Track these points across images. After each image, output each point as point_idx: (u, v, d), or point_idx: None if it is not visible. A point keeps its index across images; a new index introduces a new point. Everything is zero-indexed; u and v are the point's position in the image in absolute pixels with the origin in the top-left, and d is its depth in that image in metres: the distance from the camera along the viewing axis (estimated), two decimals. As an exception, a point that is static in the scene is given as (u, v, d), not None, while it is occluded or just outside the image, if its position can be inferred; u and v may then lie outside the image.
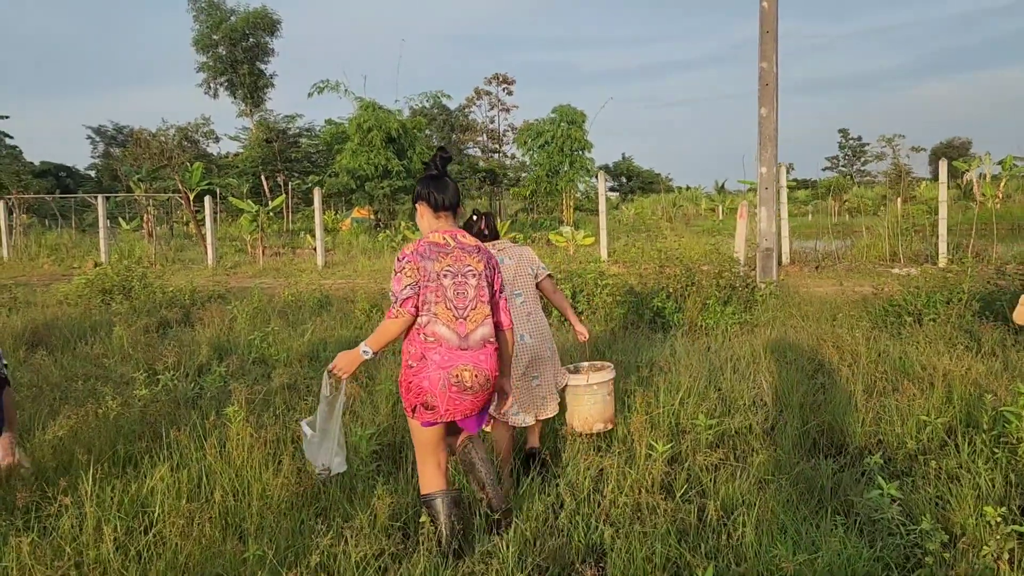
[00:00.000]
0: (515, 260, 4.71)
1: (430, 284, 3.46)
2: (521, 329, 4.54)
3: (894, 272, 14.00)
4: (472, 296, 3.55)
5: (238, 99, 47.33)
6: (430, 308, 3.45)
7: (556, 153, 36.91)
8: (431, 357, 3.43)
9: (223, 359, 7.78)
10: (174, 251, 23.94)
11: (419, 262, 3.48)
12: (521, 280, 4.70)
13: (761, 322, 8.56)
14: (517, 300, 4.63)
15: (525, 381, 4.60)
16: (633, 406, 5.10)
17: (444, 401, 3.42)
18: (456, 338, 3.46)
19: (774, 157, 9.63)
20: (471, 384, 3.45)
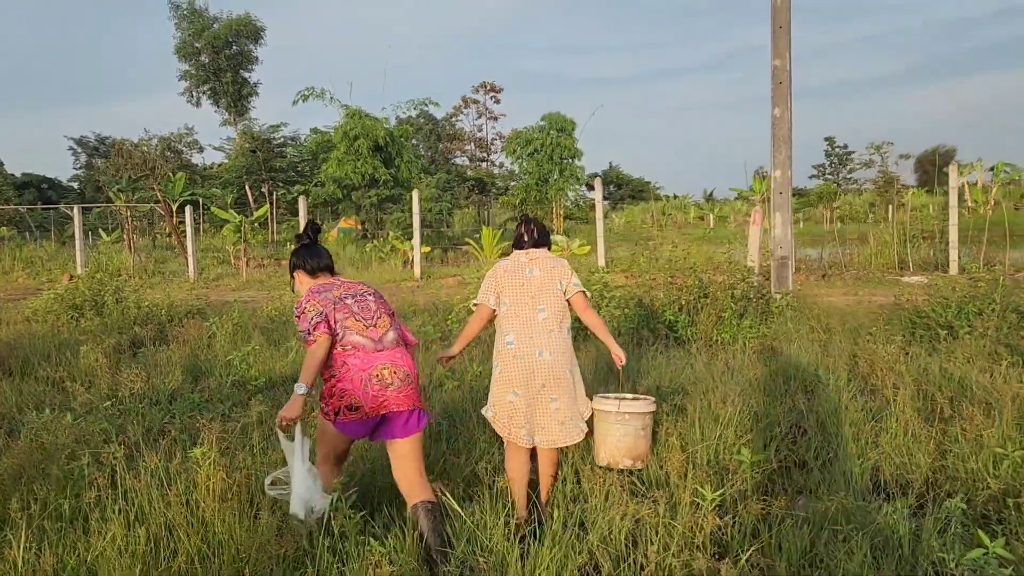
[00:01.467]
0: (543, 272, 4.31)
1: (335, 308, 3.77)
2: (539, 344, 4.15)
3: (904, 280, 13.49)
4: (375, 308, 3.91)
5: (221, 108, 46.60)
6: (341, 324, 3.75)
7: (545, 161, 36.41)
8: (351, 362, 3.70)
9: (198, 382, 7.11)
10: (155, 263, 23.13)
11: (316, 298, 3.80)
12: (546, 295, 4.27)
13: (781, 336, 7.95)
14: (539, 315, 4.22)
15: (541, 402, 4.16)
16: (665, 440, 4.46)
17: (367, 399, 3.64)
18: (371, 343, 3.77)
19: (788, 159, 9.05)
20: (391, 380, 3.70)
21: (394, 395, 3.69)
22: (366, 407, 3.63)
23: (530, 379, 4.13)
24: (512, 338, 4.20)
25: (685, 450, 4.34)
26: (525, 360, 4.14)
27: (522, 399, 4.19)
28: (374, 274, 18.31)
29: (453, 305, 9.82)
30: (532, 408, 4.16)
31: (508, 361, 4.20)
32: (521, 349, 4.16)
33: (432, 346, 7.83)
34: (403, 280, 17.39)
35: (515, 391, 4.18)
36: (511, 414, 4.22)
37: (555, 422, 4.16)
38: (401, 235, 22.63)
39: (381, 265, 19.95)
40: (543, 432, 4.17)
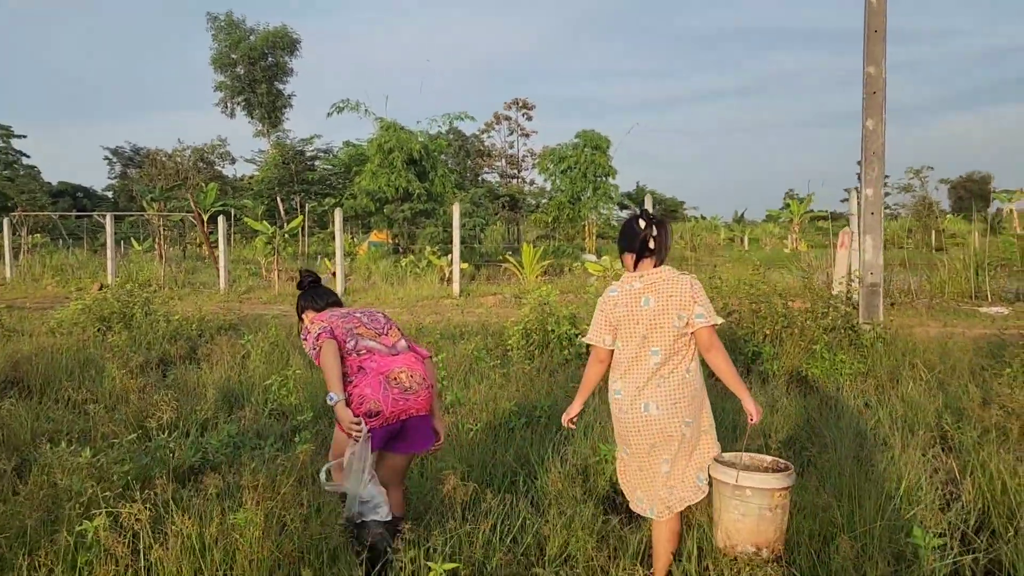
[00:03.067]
0: (658, 302, 3.41)
1: (341, 323, 3.75)
2: (646, 396, 3.39)
3: (983, 311, 12.53)
4: (384, 323, 3.93)
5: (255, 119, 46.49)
6: (352, 332, 3.72)
7: (579, 179, 35.80)
8: (368, 366, 3.62)
9: (233, 410, 6.40)
10: (185, 274, 22.64)
11: (323, 318, 3.82)
12: (660, 333, 3.40)
13: (879, 374, 7.08)
14: (652, 359, 3.40)
15: (652, 464, 3.46)
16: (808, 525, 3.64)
17: (388, 403, 3.53)
18: (384, 348, 3.74)
19: (881, 177, 8.23)
20: (409, 384, 3.62)
21: (414, 399, 3.62)
22: (387, 411, 3.53)
23: (636, 437, 3.44)
24: (619, 387, 3.49)
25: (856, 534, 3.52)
26: (629, 415, 3.44)
27: (632, 460, 3.53)
28: (410, 290, 17.61)
29: (506, 327, 9.06)
30: (643, 471, 3.49)
31: (615, 414, 3.54)
32: (626, 402, 3.46)
33: (491, 374, 7.06)
34: (441, 297, 16.67)
35: (625, 448, 3.56)
36: (623, 471, 3.57)
37: (665, 488, 3.45)
38: (437, 250, 21.95)
39: (417, 281, 19.25)
40: (655, 502, 3.46)
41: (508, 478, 4.59)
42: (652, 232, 3.46)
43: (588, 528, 3.60)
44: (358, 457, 3.46)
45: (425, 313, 11.45)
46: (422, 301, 15.98)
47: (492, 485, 4.49)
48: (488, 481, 4.54)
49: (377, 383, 3.54)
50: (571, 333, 8.27)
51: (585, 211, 36.17)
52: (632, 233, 3.52)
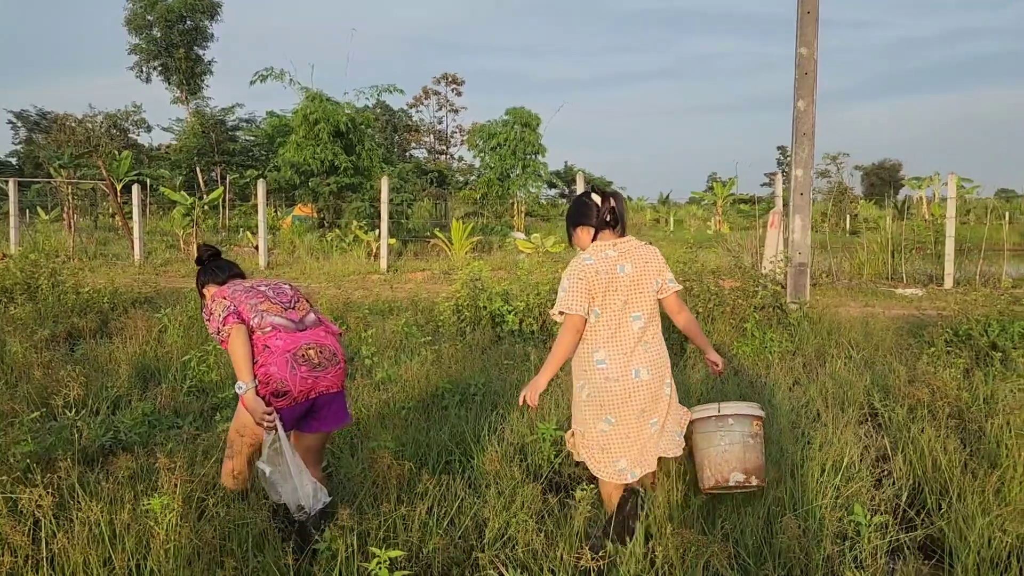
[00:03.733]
0: (636, 268, 3.47)
1: (246, 299, 3.51)
2: (635, 363, 3.40)
3: (899, 293, 12.94)
4: (291, 295, 3.68)
5: (172, 85, 44.57)
6: (256, 308, 3.49)
7: (508, 156, 35.65)
8: (274, 344, 3.40)
9: (148, 387, 6.04)
10: (97, 245, 21.58)
11: (224, 295, 3.54)
12: (639, 297, 3.45)
13: (807, 352, 7.18)
14: (634, 325, 3.43)
15: (639, 428, 3.46)
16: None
17: (296, 383, 3.34)
18: (292, 324, 3.51)
19: (811, 157, 8.32)
20: (318, 360, 3.43)
21: (324, 376, 3.43)
22: (295, 391, 3.33)
23: (625, 404, 3.40)
24: (603, 356, 3.40)
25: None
26: (620, 383, 3.38)
27: (617, 428, 3.43)
28: (336, 265, 17.18)
29: (436, 303, 8.86)
30: (630, 438, 3.44)
31: (598, 384, 3.41)
32: (615, 370, 3.38)
33: (421, 350, 6.87)
34: (369, 272, 16.31)
35: (608, 418, 3.42)
36: (604, 446, 3.44)
37: (652, 443, 3.52)
38: (364, 225, 21.48)
39: (343, 256, 18.80)
40: (642, 463, 3.49)
41: (443, 458, 4.42)
42: (610, 204, 3.49)
43: (528, 509, 3.47)
44: (283, 447, 3.27)
45: (352, 288, 11.15)
46: (349, 276, 15.59)
47: (427, 465, 4.32)
48: (423, 461, 4.36)
49: (283, 362, 3.32)
50: (503, 310, 8.12)
51: (514, 189, 36.07)
52: (587, 208, 3.52)
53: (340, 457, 4.35)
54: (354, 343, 7.55)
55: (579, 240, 3.59)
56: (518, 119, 35.74)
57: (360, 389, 5.60)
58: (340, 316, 8.45)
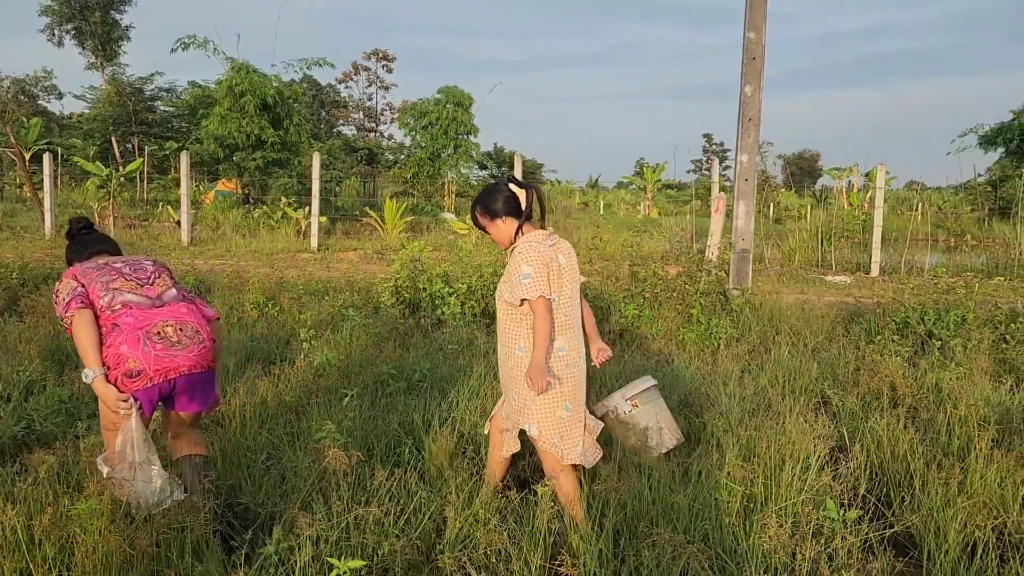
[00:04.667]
0: (568, 260, 3.50)
1: (97, 276, 3.25)
2: (583, 346, 3.53)
3: (828, 280, 13.20)
4: (151, 271, 3.42)
5: (87, 50, 42.31)
6: (108, 287, 3.22)
7: (440, 136, 35.27)
8: (123, 322, 3.13)
9: (64, 371, 5.59)
10: (3, 216, 20.30)
11: (72, 277, 3.27)
12: (575, 287, 3.52)
13: (751, 339, 7.17)
14: (578, 311, 3.54)
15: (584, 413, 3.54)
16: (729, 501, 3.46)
17: (150, 361, 3.06)
18: (147, 300, 3.26)
19: (756, 143, 8.30)
20: (177, 338, 3.17)
21: (184, 355, 3.15)
22: (150, 369, 3.06)
23: (579, 389, 3.46)
24: (563, 343, 3.38)
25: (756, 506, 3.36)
26: (578, 367, 3.43)
27: (573, 414, 3.43)
28: (264, 243, 16.57)
29: (374, 284, 8.54)
30: (581, 423, 3.48)
31: (560, 372, 3.36)
32: (572, 356, 3.41)
33: (361, 336, 6.57)
34: (298, 251, 15.78)
35: (567, 405, 3.40)
36: (563, 432, 3.41)
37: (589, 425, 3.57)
38: (293, 202, 20.81)
39: (271, 234, 18.16)
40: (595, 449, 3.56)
41: (392, 448, 4.17)
42: (534, 195, 3.43)
43: (489, 506, 3.27)
44: (133, 438, 3.05)
45: (283, 267, 10.68)
46: (278, 254, 15.04)
47: (375, 456, 4.07)
48: (370, 452, 4.11)
49: (135, 339, 3.06)
50: (444, 292, 7.87)
51: (445, 169, 35.69)
52: (513, 199, 3.41)
53: (280, 448, 4.06)
54: (289, 324, 7.19)
55: (498, 231, 3.46)
56: (450, 98, 35.34)
57: (298, 374, 5.29)
58: (272, 296, 8.05)
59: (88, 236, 3.67)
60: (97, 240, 3.66)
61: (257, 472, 3.77)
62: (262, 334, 6.77)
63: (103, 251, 3.60)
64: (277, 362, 5.72)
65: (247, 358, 5.86)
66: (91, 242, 3.62)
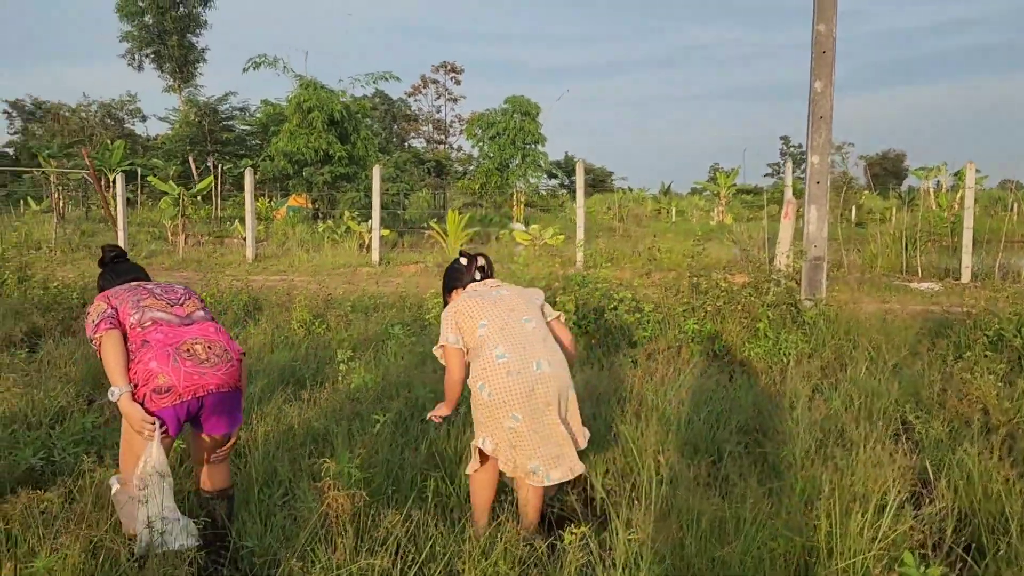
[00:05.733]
0: (511, 291, 3.72)
1: (128, 297, 3.29)
2: (536, 354, 3.42)
3: (914, 287, 12.37)
4: (181, 293, 3.46)
5: (165, 73, 43.85)
6: (138, 304, 3.26)
7: (508, 146, 35.16)
8: (153, 338, 3.15)
9: (99, 393, 5.47)
10: (81, 236, 20.98)
11: (104, 299, 3.31)
12: (526, 307, 3.62)
13: (825, 354, 6.61)
14: (528, 325, 3.54)
15: (548, 425, 3.38)
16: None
17: (179, 377, 3.06)
18: (176, 319, 3.29)
19: (828, 143, 7.72)
20: (206, 356, 3.17)
21: (212, 373, 3.14)
22: (179, 386, 3.04)
23: (530, 397, 3.33)
24: (503, 350, 3.39)
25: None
26: (522, 376, 3.33)
27: (524, 424, 3.32)
28: (327, 257, 16.60)
29: (425, 300, 8.28)
30: (539, 435, 3.35)
31: (500, 380, 3.33)
32: (515, 363, 3.35)
33: (406, 355, 6.30)
34: (360, 265, 15.72)
35: (514, 415, 3.31)
36: (514, 442, 3.34)
37: (572, 447, 3.43)
38: (357, 216, 20.89)
39: (335, 248, 18.21)
40: (559, 464, 3.37)
41: (417, 483, 3.85)
42: (477, 263, 3.78)
43: (509, 557, 2.90)
44: (154, 459, 3.01)
45: (338, 282, 10.57)
46: (339, 269, 15.01)
47: (399, 491, 3.76)
48: (394, 486, 3.80)
49: (164, 355, 3.07)
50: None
51: (513, 179, 35.53)
52: (457, 272, 3.80)
53: (298, 482, 3.78)
54: (334, 344, 6.98)
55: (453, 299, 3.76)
56: (517, 108, 35.20)
57: (331, 398, 5.03)
58: (321, 315, 7.86)
59: (121, 265, 3.71)
60: (130, 269, 3.70)
61: (269, 511, 3.50)
62: (304, 354, 6.57)
63: (135, 279, 3.63)
64: (308, 385, 5.48)
65: (280, 380, 5.63)
66: (124, 271, 3.65)
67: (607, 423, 4.48)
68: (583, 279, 7.85)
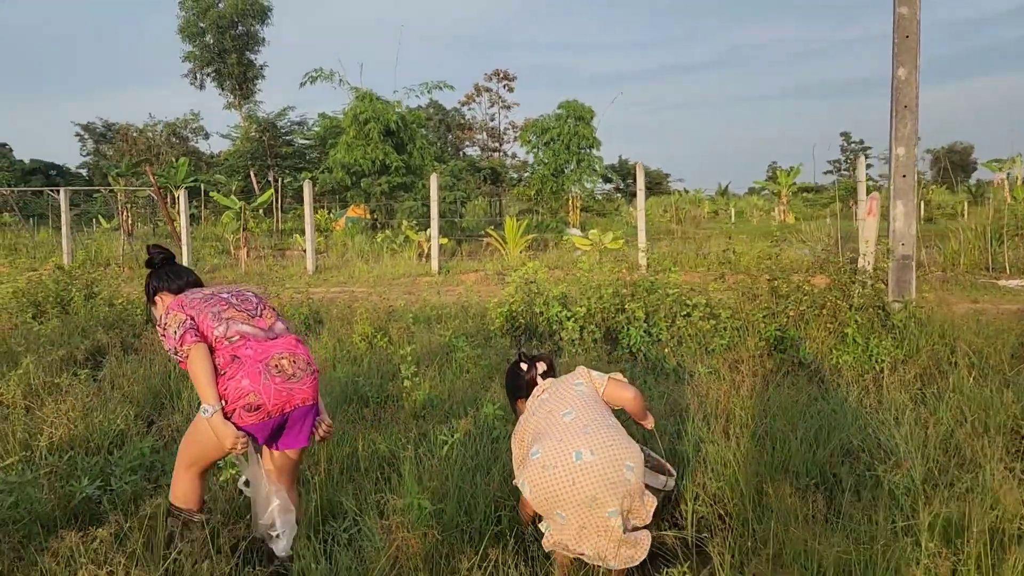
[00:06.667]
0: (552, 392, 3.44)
1: (206, 308, 3.18)
2: (576, 444, 3.07)
3: (1003, 284, 11.63)
4: (256, 302, 3.38)
5: (226, 91, 44.78)
6: (220, 316, 3.15)
7: (562, 151, 34.85)
8: (243, 353, 3.07)
9: (163, 415, 5.32)
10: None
11: (180, 308, 3.18)
12: (564, 401, 3.33)
13: (921, 361, 6.10)
14: (566, 419, 3.23)
15: (594, 519, 3.01)
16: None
17: (270, 395, 3.02)
18: (261, 332, 3.21)
19: (914, 134, 7.20)
20: (292, 371, 3.12)
21: (299, 387, 3.12)
22: (269, 404, 3.02)
23: (570, 492, 2.99)
24: (537, 448, 3.14)
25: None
26: (558, 470, 3.01)
27: (571, 521, 3.03)
28: (386, 268, 16.50)
29: (488, 308, 8.01)
30: (587, 531, 3.03)
31: (535, 475, 3.05)
32: (549, 456, 3.06)
33: (471, 368, 6.02)
34: (420, 274, 15.57)
35: (559, 513, 3.03)
36: (562, 530, 3.07)
37: (612, 540, 3.03)
38: (415, 225, 20.81)
39: (393, 257, 18.13)
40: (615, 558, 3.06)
41: (492, 514, 3.54)
42: (528, 369, 3.57)
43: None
44: (254, 475, 3.13)
45: (399, 293, 10.37)
46: (399, 279, 14.88)
47: (471, 522, 3.46)
48: (467, 516, 3.50)
49: (256, 372, 3.01)
50: (562, 316, 7.22)
51: (569, 184, 35.23)
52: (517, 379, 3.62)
53: (362, 516, 3.51)
54: (397, 357, 6.73)
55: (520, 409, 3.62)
56: (571, 112, 34.90)
57: (396, 417, 4.76)
58: (383, 328, 7.65)
59: (176, 266, 3.61)
60: (187, 271, 3.62)
61: (333, 545, 3.24)
62: (367, 369, 6.34)
63: (193, 283, 3.55)
64: (371, 404, 5.24)
65: (343, 398, 5.40)
66: (182, 271, 3.58)
67: (694, 442, 4.11)
68: (651, 284, 7.47)
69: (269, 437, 3.18)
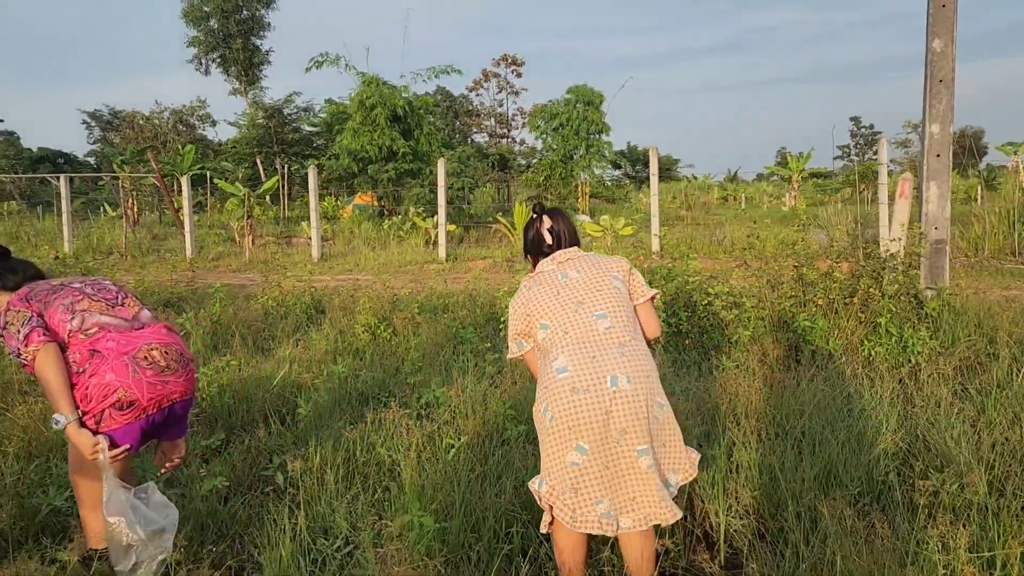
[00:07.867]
0: (582, 273, 2.89)
1: (55, 300, 2.85)
2: (611, 367, 2.63)
3: (1030, 270, 11.18)
4: (116, 291, 3.09)
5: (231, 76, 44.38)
6: (73, 308, 2.84)
7: (571, 136, 34.43)
8: (104, 347, 2.75)
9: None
10: (152, 240, 21.05)
11: (23, 303, 2.82)
12: (601, 296, 2.81)
13: (960, 352, 5.70)
14: (601, 324, 2.75)
15: (625, 458, 2.61)
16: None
17: (143, 390, 2.71)
18: (124, 322, 2.92)
19: (949, 110, 6.77)
20: (166, 363, 2.84)
21: (175, 380, 2.86)
22: (143, 399, 2.74)
23: (602, 423, 2.58)
24: (564, 362, 2.66)
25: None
26: (591, 395, 2.58)
27: (593, 458, 2.60)
28: (393, 255, 16.14)
29: (497, 298, 7.64)
30: (610, 471, 2.62)
31: (563, 400, 2.60)
32: (580, 378, 2.60)
33: (478, 361, 5.66)
34: (427, 262, 15.20)
35: (580, 445, 2.59)
36: (576, 483, 2.61)
37: (651, 488, 2.62)
38: (422, 212, 20.43)
39: (400, 245, 17.77)
40: (633, 508, 2.64)
41: (502, 530, 3.19)
42: (541, 226, 3.05)
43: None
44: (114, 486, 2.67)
45: (405, 281, 10.01)
46: (405, 266, 14.51)
47: (480, 540, 3.11)
48: (474, 533, 3.15)
49: (122, 366, 2.71)
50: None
51: (578, 170, 34.81)
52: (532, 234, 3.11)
53: (355, 534, 3.15)
54: (402, 350, 6.38)
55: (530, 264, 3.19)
56: (580, 97, 34.46)
57: (399, 419, 4.40)
58: (387, 318, 7.28)
59: (12, 262, 3.21)
60: (26, 265, 3.23)
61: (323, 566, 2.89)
62: (368, 364, 5.98)
63: (34, 276, 3.17)
64: (371, 402, 4.89)
65: (342, 396, 5.03)
66: (19, 266, 3.19)
67: (724, 444, 3.74)
68: (668, 271, 7.08)
69: (152, 435, 2.90)
